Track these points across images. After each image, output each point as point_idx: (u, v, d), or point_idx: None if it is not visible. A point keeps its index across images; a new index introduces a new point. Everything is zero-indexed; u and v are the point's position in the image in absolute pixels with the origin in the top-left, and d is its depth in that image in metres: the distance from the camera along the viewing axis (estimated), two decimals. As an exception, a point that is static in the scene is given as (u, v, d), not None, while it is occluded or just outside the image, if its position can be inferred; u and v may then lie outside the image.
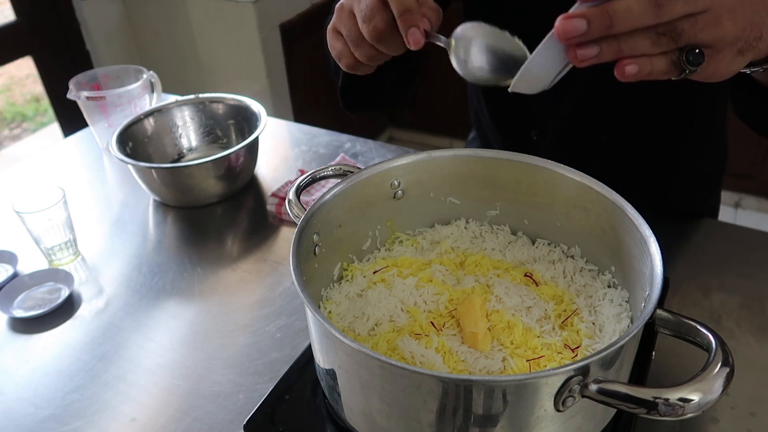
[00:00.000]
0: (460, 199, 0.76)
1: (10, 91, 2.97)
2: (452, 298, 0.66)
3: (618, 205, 0.63)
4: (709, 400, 0.45)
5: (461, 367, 0.58)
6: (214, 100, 1.17)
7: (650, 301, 0.51)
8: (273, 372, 0.73)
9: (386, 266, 0.70)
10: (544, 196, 0.71)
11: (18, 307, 0.85)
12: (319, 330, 0.56)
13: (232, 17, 2.13)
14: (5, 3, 1.95)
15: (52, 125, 2.64)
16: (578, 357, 0.59)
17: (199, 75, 2.32)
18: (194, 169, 1.01)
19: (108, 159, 1.22)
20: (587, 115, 0.92)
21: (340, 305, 0.66)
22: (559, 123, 0.94)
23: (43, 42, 2.04)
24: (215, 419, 0.68)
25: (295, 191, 0.69)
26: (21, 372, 0.76)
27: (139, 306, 0.85)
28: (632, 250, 0.61)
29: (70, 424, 0.69)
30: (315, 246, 0.65)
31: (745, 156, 2.35)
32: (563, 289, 0.67)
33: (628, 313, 0.63)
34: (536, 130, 0.97)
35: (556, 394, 0.48)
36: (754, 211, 2.50)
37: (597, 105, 0.91)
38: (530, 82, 0.52)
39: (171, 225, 1.03)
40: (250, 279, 0.90)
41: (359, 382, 0.54)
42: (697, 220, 0.95)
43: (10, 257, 0.93)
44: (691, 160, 0.98)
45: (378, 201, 0.72)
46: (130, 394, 0.72)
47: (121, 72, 1.24)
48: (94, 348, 0.79)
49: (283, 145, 1.24)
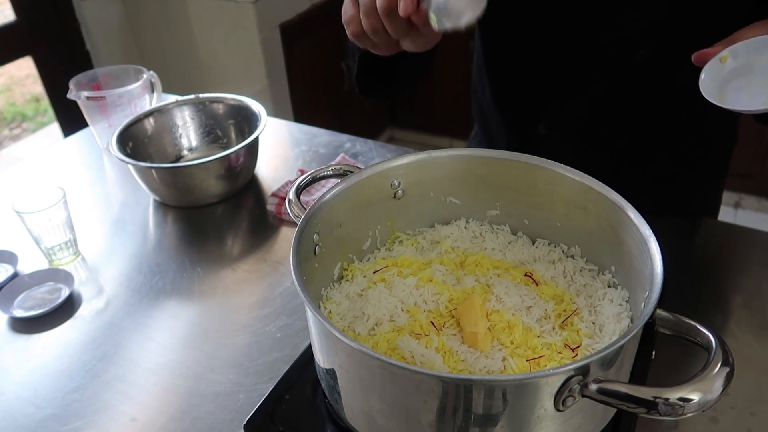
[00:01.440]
0: (460, 198, 0.76)
1: (10, 91, 2.97)
2: (452, 297, 0.66)
3: (618, 205, 0.63)
4: (709, 399, 0.45)
5: (461, 367, 0.58)
6: (214, 100, 1.17)
7: (650, 301, 0.51)
8: (273, 372, 0.73)
9: (386, 266, 0.70)
10: (544, 196, 0.71)
11: (18, 307, 0.85)
12: (319, 330, 0.56)
13: (232, 17, 2.13)
14: (5, 3, 1.95)
15: (52, 125, 2.64)
16: (578, 357, 0.59)
17: (199, 75, 2.33)
18: (194, 169, 1.01)
19: (108, 159, 1.22)
20: (603, 115, 0.92)
21: (340, 305, 0.67)
22: (574, 120, 0.94)
23: (43, 42, 2.04)
24: (215, 419, 0.68)
25: (295, 191, 0.69)
26: (21, 372, 0.76)
27: (139, 306, 0.85)
28: (632, 250, 0.61)
29: (70, 424, 0.69)
30: (315, 246, 0.65)
31: (745, 156, 2.36)
32: (563, 289, 0.67)
33: (628, 312, 0.63)
34: (545, 123, 0.96)
35: (556, 394, 0.48)
36: (754, 211, 2.50)
37: (614, 106, 0.91)
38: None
39: (171, 225, 1.03)
40: (250, 279, 0.90)
41: (359, 382, 0.54)
42: (698, 220, 0.95)
43: (10, 257, 0.93)
44: (699, 162, 0.98)
45: (378, 201, 0.72)
46: (130, 394, 0.72)
47: (121, 72, 1.24)
48: (94, 348, 0.79)
49: (283, 145, 1.24)
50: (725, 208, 2.51)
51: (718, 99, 0.63)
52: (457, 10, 0.59)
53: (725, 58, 0.65)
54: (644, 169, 0.97)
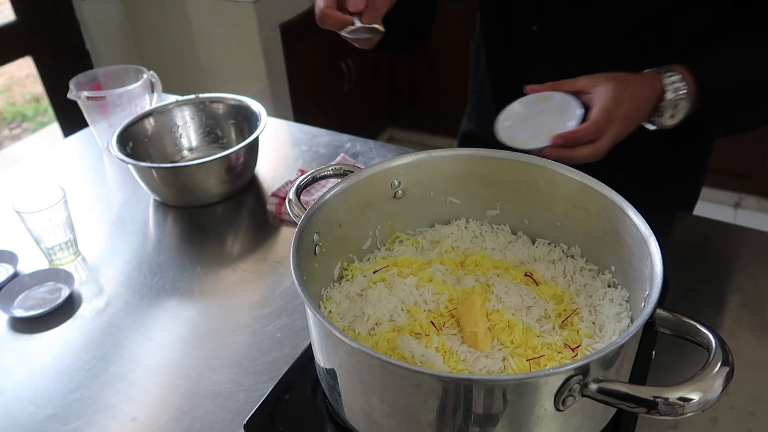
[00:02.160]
0: (460, 198, 0.76)
1: (10, 91, 2.97)
2: (452, 297, 0.66)
3: (618, 205, 0.63)
4: (709, 399, 0.45)
5: (461, 367, 0.58)
6: (214, 100, 1.17)
7: (650, 301, 0.51)
8: (273, 372, 0.73)
9: (386, 266, 0.70)
10: (544, 196, 0.71)
11: (18, 306, 0.85)
12: (319, 329, 0.56)
13: (232, 17, 2.13)
14: (5, 3, 1.95)
15: (52, 125, 2.64)
16: (578, 356, 0.59)
17: (199, 75, 2.33)
18: (194, 169, 1.01)
19: (108, 159, 1.22)
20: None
21: (340, 305, 0.67)
22: None
23: (43, 42, 2.04)
24: (215, 419, 0.68)
25: (295, 191, 0.69)
26: (21, 372, 0.76)
27: (139, 306, 0.85)
28: (632, 250, 0.61)
29: (71, 424, 0.69)
30: (315, 246, 0.65)
31: (745, 156, 2.36)
32: (563, 289, 0.67)
33: (628, 312, 0.63)
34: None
35: (556, 394, 0.48)
36: (754, 211, 2.50)
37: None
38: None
39: (171, 225, 1.03)
40: (250, 279, 0.90)
41: (359, 382, 0.54)
42: (698, 220, 0.95)
43: (10, 257, 0.93)
44: (675, 152, 0.99)
45: (378, 201, 0.72)
46: (131, 394, 0.72)
47: (121, 72, 1.24)
48: (94, 348, 0.79)
49: (283, 145, 1.24)
50: (725, 208, 2.51)
51: (507, 138, 0.79)
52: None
53: (542, 98, 0.81)
54: (619, 159, 0.98)
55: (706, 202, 2.51)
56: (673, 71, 0.80)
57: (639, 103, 0.79)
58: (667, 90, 0.80)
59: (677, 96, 0.80)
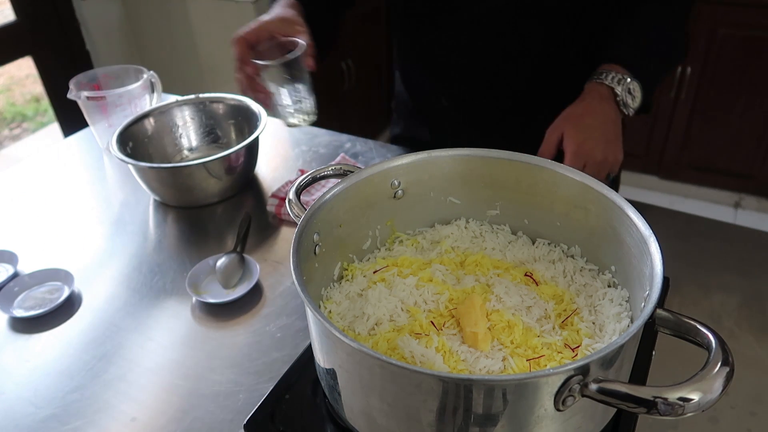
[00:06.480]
0: (460, 198, 0.76)
1: (10, 91, 2.97)
2: (452, 297, 0.66)
3: (618, 205, 0.63)
4: (709, 399, 0.45)
5: (461, 367, 0.58)
6: (214, 100, 1.17)
7: (650, 301, 0.51)
8: (273, 372, 0.73)
9: (386, 266, 0.70)
10: (544, 196, 0.71)
11: (18, 306, 0.85)
12: (319, 329, 0.56)
13: (232, 17, 2.13)
14: (5, 3, 1.96)
15: (52, 125, 2.64)
16: (578, 356, 0.59)
17: (199, 75, 2.33)
18: (194, 169, 1.01)
19: (108, 159, 1.22)
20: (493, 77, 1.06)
21: (340, 305, 0.67)
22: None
23: (43, 42, 2.04)
24: (215, 419, 0.68)
25: (295, 191, 0.69)
26: (21, 372, 0.76)
27: (139, 306, 0.85)
28: (632, 250, 0.61)
29: (71, 424, 0.69)
30: (315, 246, 0.65)
31: (745, 156, 2.35)
32: (563, 289, 0.67)
33: (628, 312, 0.63)
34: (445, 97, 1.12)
35: (556, 394, 0.48)
36: (754, 211, 2.50)
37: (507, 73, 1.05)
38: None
39: (171, 225, 1.03)
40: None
41: (359, 382, 0.54)
42: (698, 220, 0.95)
43: (10, 257, 0.93)
44: None
45: (378, 201, 0.72)
46: (131, 394, 0.72)
47: (121, 72, 1.24)
48: (94, 348, 0.79)
49: (283, 145, 1.24)
50: (725, 208, 2.50)
51: None
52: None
53: None
54: (528, 124, 1.03)
55: (706, 202, 2.51)
56: (603, 70, 0.90)
57: (602, 117, 0.88)
58: (613, 86, 0.89)
59: (625, 84, 0.89)
